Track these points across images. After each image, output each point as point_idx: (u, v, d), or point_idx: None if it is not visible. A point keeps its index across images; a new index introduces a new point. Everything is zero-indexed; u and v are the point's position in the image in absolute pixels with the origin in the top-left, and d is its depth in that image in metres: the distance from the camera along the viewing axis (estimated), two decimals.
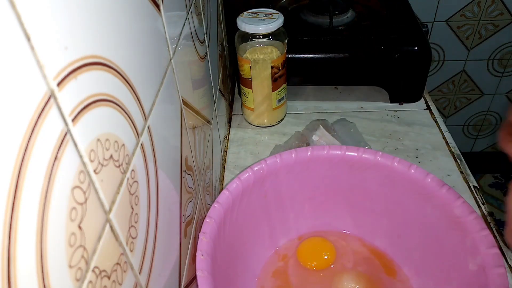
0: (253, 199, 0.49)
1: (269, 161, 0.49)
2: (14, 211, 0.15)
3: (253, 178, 0.48)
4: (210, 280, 0.39)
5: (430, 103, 0.77)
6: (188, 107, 0.42)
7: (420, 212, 0.49)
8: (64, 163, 0.19)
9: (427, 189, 0.47)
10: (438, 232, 0.48)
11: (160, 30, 0.33)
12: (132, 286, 0.26)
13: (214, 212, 0.44)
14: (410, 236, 0.51)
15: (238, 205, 0.48)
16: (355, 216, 0.55)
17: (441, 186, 0.46)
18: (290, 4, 0.84)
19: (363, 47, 0.73)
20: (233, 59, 0.78)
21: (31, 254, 0.16)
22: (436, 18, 1.29)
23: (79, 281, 0.20)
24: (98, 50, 0.22)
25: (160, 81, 0.33)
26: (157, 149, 0.31)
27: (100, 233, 0.22)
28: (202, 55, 0.51)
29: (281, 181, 0.51)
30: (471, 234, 0.43)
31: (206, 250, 0.41)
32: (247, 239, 0.51)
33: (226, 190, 0.46)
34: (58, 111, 0.18)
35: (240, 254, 0.50)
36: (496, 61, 1.40)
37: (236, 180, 0.47)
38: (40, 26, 0.17)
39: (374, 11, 0.82)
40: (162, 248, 0.32)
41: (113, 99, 0.24)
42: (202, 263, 0.39)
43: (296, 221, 0.56)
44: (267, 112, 0.72)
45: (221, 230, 0.45)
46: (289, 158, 0.50)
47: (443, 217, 0.46)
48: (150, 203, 0.30)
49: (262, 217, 0.53)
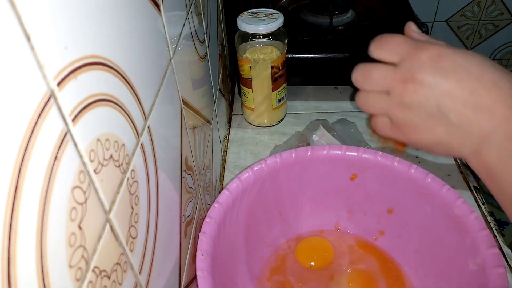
0: (253, 199, 0.49)
1: (269, 161, 0.49)
2: (14, 211, 0.15)
3: (253, 178, 0.48)
4: (210, 280, 0.39)
5: None
6: (188, 107, 0.42)
7: (420, 212, 0.49)
8: (64, 163, 0.19)
9: (427, 189, 0.47)
10: (438, 232, 0.48)
11: (160, 30, 0.33)
12: (132, 286, 0.26)
13: (214, 212, 0.44)
14: (410, 236, 0.52)
15: (238, 205, 0.48)
16: (354, 216, 0.55)
17: (441, 186, 0.46)
18: (290, 4, 0.84)
19: (363, 47, 0.72)
20: (233, 59, 0.78)
21: (31, 254, 0.16)
22: (436, 18, 1.29)
23: (79, 281, 0.20)
24: (98, 50, 0.22)
25: (160, 81, 0.33)
26: (157, 149, 0.31)
27: (100, 233, 0.22)
28: (202, 55, 0.51)
29: (281, 181, 0.51)
30: (471, 234, 0.43)
31: (206, 250, 0.41)
32: (247, 239, 0.51)
33: (226, 190, 0.46)
34: (58, 111, 0.18)
35: (240, 254, 0.50)
36: (496, 61, 1.40)
37: (236, 180, 0.47)
38: (40, 26, 0.17)
39: (374, 11, 0.82)
40: (162, 248, 0.32)
41: (113, 99, 0.24)
42: (202, 263, 0.40)
43: (296, 221, 0.56)
44: (267, 112, 0.72)
45: (221, 230, 0.45)
46: (289, 158, 0.50)
47: (443, 217, 0.46)
48: (150, 203, 0.30)
49: (261, 217, 0.53)
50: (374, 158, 0.49)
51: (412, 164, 0.48)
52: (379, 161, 0.49)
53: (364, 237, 0.55)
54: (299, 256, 0.54)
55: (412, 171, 0.48)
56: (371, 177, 0.51)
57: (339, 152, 0.50)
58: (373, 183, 0.51)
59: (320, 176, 0.53)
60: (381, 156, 0.49)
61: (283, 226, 0.55)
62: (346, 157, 0.50)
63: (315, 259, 0.53)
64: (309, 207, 0.55)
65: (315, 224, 0.56)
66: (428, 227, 0.49)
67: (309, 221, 0.56)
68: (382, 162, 0.49)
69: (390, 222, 0.53)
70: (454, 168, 0.65)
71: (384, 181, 0.50)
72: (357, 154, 0.50)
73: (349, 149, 0.50)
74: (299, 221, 0.56)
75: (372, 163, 0.50)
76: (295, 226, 0.56)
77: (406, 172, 0.48)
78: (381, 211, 0.53)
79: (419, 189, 0.48)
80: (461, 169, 0.65)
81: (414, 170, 0.48)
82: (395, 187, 0.50)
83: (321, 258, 0.53)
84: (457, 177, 0.63)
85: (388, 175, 0.49)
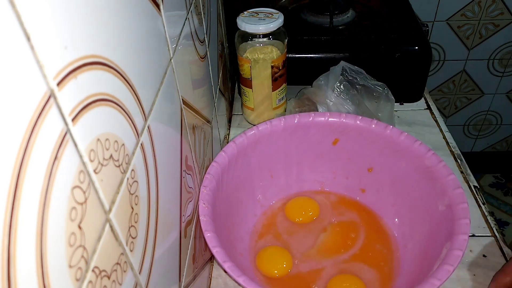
0: (247, 161, 0.54)
1: (261, 127, 0.54)
2: (14, 211, 0.15)
3: (247, 142, 0.53)
4: (212, 224, 0.44)
5: (430, 103, 0.77)
6: (188, 107, 0.42)
7: (396, 167, 0.54)
8: (64, 163, 0.18)
9: (401, 145, 0.52)
10: (411, 183, 0.52)
11: (160, 30, 0.33)
12: (132, 286, 0.26)
13: (213, 169, 0.49)
14: (387, 190, 0.56)
15: (234, 166, 0.52)
16: (338, 178, 0.61)
17: (414, 142, 0.51)
18: (290, 3, 0.84)
19: (363, 46, 0.72)
20: (233, 59, 0.78)
21: (31, 254, 0.16)
22: (437, 18, 1.29)
23: (79, 281, 0.20)
24: (98, 50, 0.22)
25: (160, 80, 0.33)
26: (157, 149, 0.31)
27: (100, 233, 0.22)
28: (202, 55, 0.50)
29: (271, 146, 0.56)
30: (440, 180, 0.48)
31: (207, 199, 0.46)
32: (242, 198, 0.56)
33: (223, 151, 0.51)
34: (58, 110, 0.18)
35: (236, 211, 0.54)
36: (496, 60, 1.39)
37: (231, 143, 0.52)
38: (40, 26, 0.17)
39: (374, 11, 0.82)
40: (162, 248, 0.32)
41: (113, 99, 0.24)
42: (204, 210, 0.45)
43: (285, 182, 0.61)
44: (267, 112, 0.72)
45: (219, 186, 0.49)
46: (278, 124, 0.55)
47: (416, 168, 0.51)
48: (150, 203, 0.30)
49: (255, 179, 0.57)
50: (354, 122, 0.54)
51: (388, 125, 0.53)
52: (358, 124, 0.54)
53: (347, 196, 0.60)
54: (288, 213, 0.59)
55: (388, 131, 0.53)
56: (352, 140, 0.56)
57: (323, 119, 0.55)
58: (354, 145, 0.56)
59: (306, 141, 0.57)
60: (360, 120, 0.54)
61: (274, 187, 0.60)
62: (329, 123, 0.55)
63: (302, 215, 0.58)
64: (296, 171, 0.60)
65: (303, 186, 0.61)
66: (403, 180, 0.54)
67: (297, 183, 0.61)
68: (361, 125, 0.54)
69: (370, 180, 0.58)
70: (455, 168, 0.65)
71: (363, 143, 0.55)
72: (339, 119, 0.55)
73: (332, 115, 0.55)
74: (288, 183, 0.61)
75: (352, 127, 0.55)
76: (285, 187, 0.61)
77: (383, 132, 0.53)
78: (362, 170, 0.58)
79: (394, 147, 0.53)
80: (462, 169, 0.65)
81: (390, 130, 0.53)
82: (373, 147, 0.55)
83: (307, 214, 0.58)
84: (458, 177, 0.63)
85: (367, 137, 0.54)
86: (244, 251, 0.53)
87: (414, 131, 0.71)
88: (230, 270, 0.40)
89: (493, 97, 1.50)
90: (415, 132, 0.71)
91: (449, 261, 0.40)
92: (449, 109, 1.54)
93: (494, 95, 1.49)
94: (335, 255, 0.54)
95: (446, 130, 0.72)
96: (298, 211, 0.59)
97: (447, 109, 1.54)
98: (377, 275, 0.51)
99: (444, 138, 0.70)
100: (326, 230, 0.56)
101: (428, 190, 0.50)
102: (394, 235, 0.54)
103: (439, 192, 0.48)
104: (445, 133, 0.71)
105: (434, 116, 0.74)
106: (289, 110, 0.71)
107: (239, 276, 0.39)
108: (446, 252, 0.42)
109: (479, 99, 1.50)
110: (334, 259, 0.53)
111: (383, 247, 0.54)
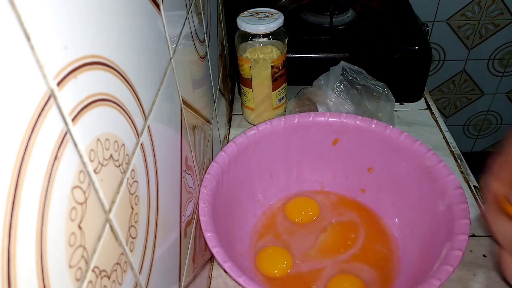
0: (247, 161, 0.54)
1: (261, 127, 0.54)
2: (14, 211, 0.15)
3: (247, 142, 0.53)
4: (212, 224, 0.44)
5: (430, 103, 0.77)
6: (188, 107, 0.42)
7: (396, 168, 0.54)
8: (64, 163, 0.18)
9: (401, 145, 0.52)
10: (411, 183, 0.52)
11: (160, 30, 0.33)
12: (132, 286, 0.26)
13: (213, 169, 0.49)
14: (387, 190, 0.56)
15: (234, 165, 0.52)
16: (338, 178, 0.60)
17: (414, 142, 0.51)
18: (290, 3, 0.84)
19: (363, 46, 0.72)
20: (233, 59, 0.78)
21: (31, 254, 0.16)
22: (437, 18, 1.29)
23: (79, 281, 0.20)
24: (98, 50, 0.22)
25: (160, 80, 0.33)
26: (157, 149, 0.31)
27: (100, 233, 0.22)
28: (202, 55, 0.50)
29: (271, 146, 0.56)
30: (440, 180, 0.48)
31: (207, 199, 0.46)
32: (241, 198, 0.56)
33: (223, 151, 0.51)
34: (58, 110, 0.18)
35: (236, 211, 0.54)
36: (496, 60, 1.39)
37: (232, 143, 0.52)
38: (40, 26, 0.17)
39: (374, 11, 0.82)
40: (162, 248, 0.32)
41: (113, 99, 0.24)
42: (204, 210, 0.45)
43: (285, 183, 0.61)
44: (267, 112, 0.72)
45: (219, 186, 0.49)
46: (278, 124, 0.54)
47: (416, 168, 0.51)
48: (150, 203, 0.30)
49: (255, 179, 0.57)
50: (354, 122, 0.54)
51: (388, 125, 0.53)
52: (358, 124, 0.54)
53: (347, 196, 0.60)
54: (288, 213, 0.59)
55: (388, 131, 0.53)
56: (352, 140, 0.56)
57: (323, 119, 0.55)
58: (354, 145, 0.56)
59: (306, 141, 0.57)
60: (360, 120, 0.54)
61: (274, 187, 0.60)
62: (329, 123, 0.55)
63: (302, 215, 0.58)
64: (296, 170, 0.60)
65: (303, 186, 0.61)
66: (403, 180, 0.54)
67: (297, 183, 0.61)
68: (361, 125, 0.54)
69: (370, 180, 0.58)
70: (455, 168, 0.65)
71: (363, 143, 0.55)
72: (339, 119, 0.55)
73: (332, 115, 0.55)
74: (288, 183, 0.61)
75: (352, 127, 0.54)
76: (285, 187, 0.61)
77: (383, 132, 0.53)
78: (362, 170, 0.58)
79: (394, 147, 0.53)
80: (462, 169, 0.65)
81: (390, 130, 0.52)
82: (373, 147, 0.55)
83: (307, 214, 0.58)
84: (458, 177, 0.63)
85: (367, 137, 0.54)
86: (244, 251, 0.53)
87: (414, 131, 0.71)
88: (230, 270, 0.40)
89: (493, 97, 1.50)
90: (415, 132, 0.71)
91: (449, 261, 0.40)
92: (449, 109, 1.54)
93: (494, 95, 1.49)
94: (335, 255, 0.54)
95: (446, 130, 0.72)
96: (298, 211, 0.59)
97: (447, 109, 1.54)
98: (377, 275, 0.51)
99: (444, 138, 0.70)
100: (326, 230, 0.56)
101: (428, 190, 0.49)
102: (394, 235, 0.54)
103: (439, 192, 0.48)
104: (445, 133, 0.71)
105: (434, 116, 0.74)
106: (289, 110, 0.71)
107: (239, 276, 0.39)
108: (446, 252, 0.42)
109: (479, 99, 1.50)
110: (334, 259, 0.53)
111: (383, 247, 0.54)
